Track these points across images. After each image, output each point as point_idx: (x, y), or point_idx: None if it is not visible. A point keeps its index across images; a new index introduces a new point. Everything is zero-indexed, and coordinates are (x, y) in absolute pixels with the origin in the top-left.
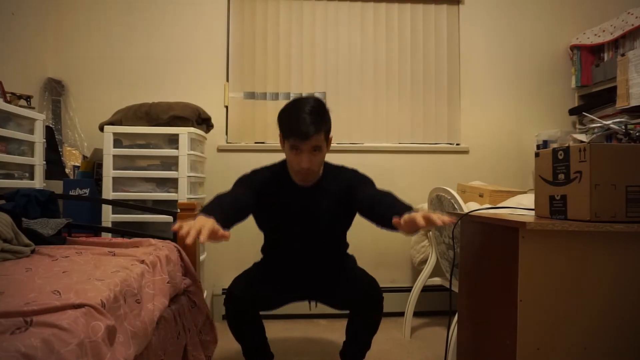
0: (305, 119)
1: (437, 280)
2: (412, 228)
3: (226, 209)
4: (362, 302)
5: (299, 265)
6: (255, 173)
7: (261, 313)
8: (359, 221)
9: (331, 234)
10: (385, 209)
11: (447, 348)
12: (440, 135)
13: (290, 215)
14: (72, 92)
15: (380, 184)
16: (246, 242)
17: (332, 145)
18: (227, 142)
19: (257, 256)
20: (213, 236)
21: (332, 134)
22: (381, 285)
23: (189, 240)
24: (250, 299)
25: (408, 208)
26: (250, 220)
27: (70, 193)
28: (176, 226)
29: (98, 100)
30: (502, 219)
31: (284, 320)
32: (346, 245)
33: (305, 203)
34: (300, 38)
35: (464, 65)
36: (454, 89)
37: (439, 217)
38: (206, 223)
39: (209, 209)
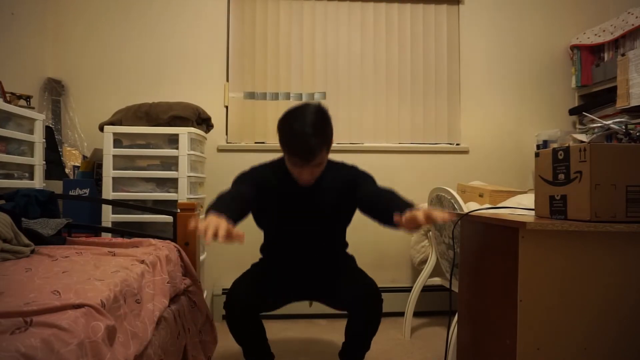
0: (307, 140)
1: (437, 280)
2: (413, 225)
3: (232, 207)
4: (362, 305)
5: (299, 263)
6: (254, 170)
7: (261, 314)
8: (359, 221)
9: (331, 231)
10: (387, 207)
11: (447, 348)
12: (440, 135)
13: (291, 212)
14: (72, 92)
15: (381, 184)
16: (246, 242)
17: (332, 145)
18: (227, 142)
19: (257, 256)
20: (229, 236)
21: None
22: (381, 285)
23: (208, 239)
24: (251, 302)
25: (409, 205)
26: (250, 221)
27: (70, 193)
28: (192, 225)
29: (98, 100)
30: (502, 219)
31: (284, 320)
32: (346, 245)
33: (306, 200)
34: (300, 38)
35: (464, 65)
36: (454, 89)
37: (440, 215)
38: (221, 223)
39: (217, 208)
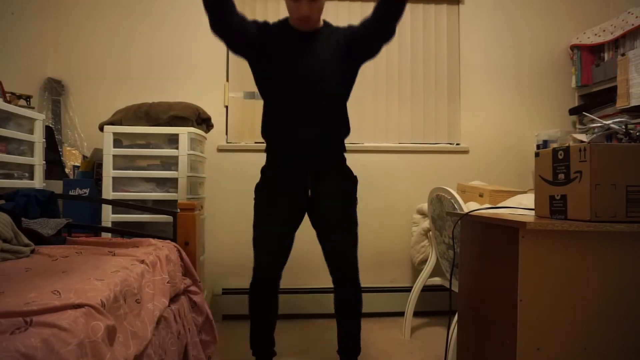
0: None
1: (437, 280)
2: None
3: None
4: (338, 279)
5: (300, 143)
6: (260, 21)
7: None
8: (360, 221)
9: (332, 84)
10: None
11: (447, 348)
12: (440, 135)
13: (292, 60)
14: (72, 92)
15: (380, 184)
16: (246, 242)
17: None
18: (227, 142)
19: None
20: None
21: None
22: (381, 286)
23: None
24: (276, 268)
25: None
26: (250, 221)
27: (70, 193)
28: None
29: (98, 100)
30: (502, 219)
31: (284, 320)
32: (347, 131)
33: (306, 47)
34: None
35: (464, 65)
36: (454, 88)
37: None
38: None
39: None
